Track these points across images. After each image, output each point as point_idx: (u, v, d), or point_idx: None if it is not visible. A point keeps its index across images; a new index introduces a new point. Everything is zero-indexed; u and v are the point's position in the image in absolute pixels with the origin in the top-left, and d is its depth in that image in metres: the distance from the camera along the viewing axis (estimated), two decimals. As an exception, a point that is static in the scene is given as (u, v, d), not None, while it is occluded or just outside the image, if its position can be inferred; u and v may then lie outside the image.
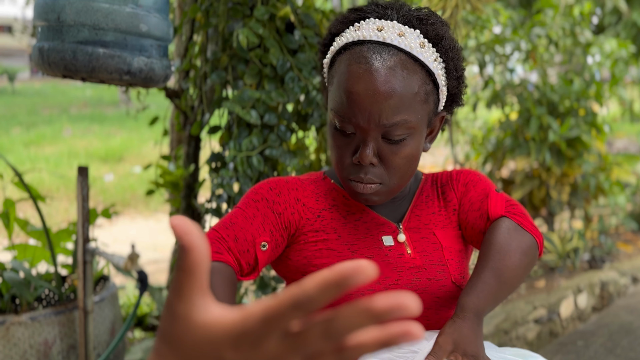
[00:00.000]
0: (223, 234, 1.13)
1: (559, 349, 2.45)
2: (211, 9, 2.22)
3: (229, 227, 1.14)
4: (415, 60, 1.09)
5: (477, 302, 1.07)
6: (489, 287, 1.09)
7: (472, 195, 1.24)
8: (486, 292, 1.08)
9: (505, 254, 1.11)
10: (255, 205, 1.17)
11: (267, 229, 1.15)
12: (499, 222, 1.16)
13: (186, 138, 2.50)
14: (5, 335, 2.32)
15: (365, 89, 1.05)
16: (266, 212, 1.16)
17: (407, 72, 1.07)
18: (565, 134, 3.51)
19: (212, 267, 1.08)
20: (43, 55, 1.65)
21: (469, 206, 1.23)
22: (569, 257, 3.50)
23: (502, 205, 1.19)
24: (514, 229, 1.15)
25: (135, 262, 2.23)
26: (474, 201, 1.23)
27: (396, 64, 1.07)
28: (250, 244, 1.13)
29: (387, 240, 1.20)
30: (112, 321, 2.58)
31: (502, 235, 1.13)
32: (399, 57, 1.07)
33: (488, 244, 1.13)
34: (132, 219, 6.28)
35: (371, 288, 1.12)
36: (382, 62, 1.06)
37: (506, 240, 1.12)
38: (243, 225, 1.14)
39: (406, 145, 1.10)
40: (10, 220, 2.67)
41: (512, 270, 1.11)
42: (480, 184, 1.26)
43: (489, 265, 1.10)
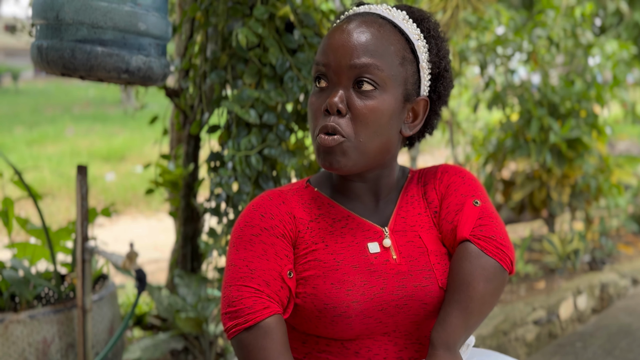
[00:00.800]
0: (254, 286, 1.10)
1: (557, 350, 2.44)
2: (211, 8, 2.22)
3: (253, 275, 1.10)
4: (397, 27, 1.15)
5: (446, 337, 1.09)
6: (457, 321, 1.10)
7: (450, 200, 1.22)
8: (454, 326, 1.09)
9: (468, 285, 1.11)
10: (259, 240, 1.13)
11: (283, 255, 1.14)
12: (462, 248, 1.15)
13: (185, 137, 2.50)
14: (4, 334, 2.33)
15: (340, 34, 1.12)
16: (272, 240, 1.14)
17: (385, 31, 1.13)
18: (566, 135, 3.50)
19: (270, 324, 1.07)
20: (42, 53, 1.65)
21: (445, 214, 1.21)
22: (569, 258, 3.49)
23: (471, 224, 1.17)
24: (476, 256, 1.13)
25: (133, 261, 2.23)
26: (450, 210, 1.21)
27: (375, 22, 1.14)
28: (280, 280, 1.11)
29: (372, 247, 1.17)
30: (111, 320, 2.58)
31: (464, 263, 1.13)
32: (380, 21, 1.15)
33: (452, 275, 1.14)
34: (133, 218, 6.28)
35: (356, 299, 1.11)
36: (363, 19, 1.14)
37: (468, 270, 1.12)
38: (263, 266, 1.11)
39: (375, 98, 1.10)
40: (9, 219, 2.68)
41: (477, 300, 1.11)
42: (462, 188, 1.23)
43: (454, 299, 1.11)
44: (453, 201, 1.21)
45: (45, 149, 9.66)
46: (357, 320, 1.10)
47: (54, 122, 13.23)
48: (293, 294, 1.14)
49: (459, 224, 1.17)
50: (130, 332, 2.89)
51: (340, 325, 1.10)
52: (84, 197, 2.31)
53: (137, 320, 2.97)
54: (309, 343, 1.17)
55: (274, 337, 1.08)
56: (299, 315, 1.14)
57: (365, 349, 1.14)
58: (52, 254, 2.58)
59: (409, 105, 1.16)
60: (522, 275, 3.45)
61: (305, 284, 1.13)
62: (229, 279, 1.13)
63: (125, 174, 7.59)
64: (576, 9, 3.70)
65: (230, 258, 1.15)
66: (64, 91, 23.22)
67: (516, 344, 2.58)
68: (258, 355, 1.07)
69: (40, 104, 18.55)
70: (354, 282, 1.11)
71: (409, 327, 1.16)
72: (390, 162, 1.21)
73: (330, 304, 1.10)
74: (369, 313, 1.11)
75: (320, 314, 1.10)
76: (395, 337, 1.15)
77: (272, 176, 2.20)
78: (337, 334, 1.12)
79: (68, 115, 14.71)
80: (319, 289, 1.11)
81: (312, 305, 1.11)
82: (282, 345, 1.08)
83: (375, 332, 1.14)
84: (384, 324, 1.13)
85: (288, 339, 1.12)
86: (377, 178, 1.20)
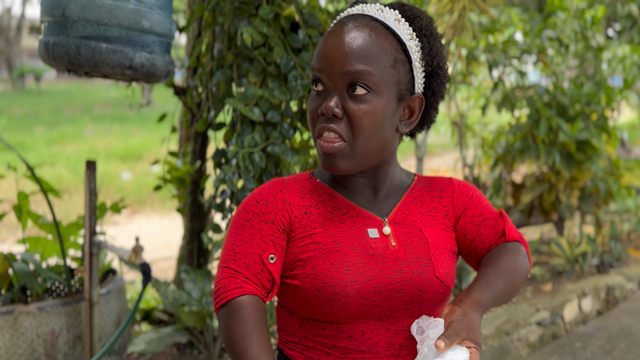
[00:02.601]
0: (234, 267, 1.17)
1: (556, 349, 2.44)
2: (217, 7, 2.26)
3: (236, 258, 1.17)
4: (388, 29, 1.18)
5: (487, 300, 1.20)
6: (498, 291, 1.22)
7: (481, 210, 1.33)
8: (495, 294, 1.22)
9: (517, 274, 1.27)
10: (249, 224, 1.19)
11: (268, 240, 1.19)
12: (516, 245, 1.31)
13: (193, 135, 2.54)
14: (13, 324, 2.38)
15: (333, 41, 1.16)
16: (261, 226, 1.19)
17: (376, 34, 1.16)
18: (574, 135, 3.49)
19: (240, 302, 1.14)
20: (48, 49, 1.70)
21: (480, 220, 1.31)
22: (577, 261, 3.48)
23: (515, 229, 1.35)
24: (524, 255, 1.31)
25: (139, 255, 2.27)
26: (486, 217, 1.32)
27: (367, 26, 1.16)
28: (260, 263, 1.17)
29: (372, 232, 1.22)
30: (119, 313, 2.63)
31: (519, 257, 1.28)
32: (372, 24, 1.17)
33: (508, 260, 1.27)
34: (147, 216, 6.36)
35: (354, 279, 1.15)
36: (355, 24, 1.17)
37: (519, 264, 1.28)
38: (246, 249, 1.18)
39: (369, 102, 1.14)
40: (23, 213, 2.73)
41: (516, 288, 1.28)
42: (483, 200, 1.35)
43: (503, 278, 1.24)
44: (485, 210, 1.33)
45: (64, 148, 9.81)
46: (354, 301, 1.14)
47: (73, 122, 13.42)
48: (277, 280, 1.19)
49: (506, 228, 1.32)
50: (138, 327, 2.93)
51: (337, 304, 1.14)
52: (92, 193, 2.35)
53: (145, 315, 3.01)
54: (305, 327, 1.21)
55: (242, 315, 1.13)
56: (297, 296, 1.18)
57: (359, 333, 1.18)
58: (62, 248, 2.63)
59: (403, 103, 1.20)
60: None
61: (304, 265, 1.17)
62: (220, 261, 1.21)
63: (142, 173, 7.68)
64: (587, 12, 3.69)
65: (225, 241, 1.23)
66: (85, 92, 23.50)
67: (519, 344, 2.58)
68: (227, 332, 1.13)
69: (61, 104, 18.81)
70: (352, 263, 1.16)
71: (402, 313, 1.19)
72: (389, 158, 1.25)
73: (329, 282, 1.14)
74: (366, 294, 1.15)
75: (319, 293, 1.14)
76: (388, 323, 1.19)
77: (275, 173, 2.23)
78: (334, 315, 1.16)
79: (88, 116, 14.90)
80: (319, 269, 1.15)
81: (311, 284, 1.15)
82: (251, 324, 1.12)
83: (370, 315, 1.17)
84: (380, 307, 1.17)
85: (263, 319, 1.15)
86: (377, 173, 1.25)
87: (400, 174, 1.32)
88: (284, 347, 1.27)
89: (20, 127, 12.43)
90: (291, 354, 1.24)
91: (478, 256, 1.33)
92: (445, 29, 2.92)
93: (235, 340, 1.12)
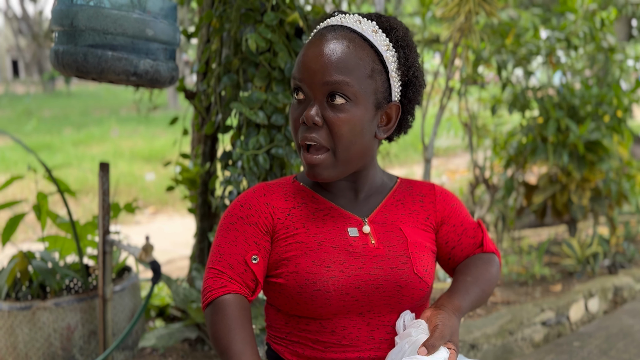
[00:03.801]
0: (219, 268, 1.24)
1: (554, 348, 2.46)
2: (224, 14, 2.33)
3: (221, 259, 1.25)
4: (365, 40, 1.22)
5: (465, 306, 1.29)
6: (475, 298, 1.32)
7: (462, 219, 1.40)
8: (472, 301, 1.31)
9: (491, 284, 1.38)
10: (233, 227, 1.27)
11: (251, 242, 1.26)
12: (492, 256, 1.42)
13: (202, 137, 2.62)
14: (31, 319, 2.49)
15: (313, 52, 1.21)
16: (244, 228, 1.26)
17: (354, 46, 1.21)
18: (584, 135, 3.49)
19: (223, 301, 1.21)
20: (58, 57, 1.79)
21: (462, 229, 1.40)
22: (588, 262, 3.48)
23: (491, 241, 1.45)
24: (498, 267, 1.42)
25: (149, 253, 2.36)
26: (467, 227, 1.41)
27: (345, 37, 1.21)
28: (243, 264, 1.24)
29: (352, 231, 1.28)
30: (132, 310, 2.72)
31: (493, 268, 1.40)
32: (350, 35, 1.22)
33: (484, 270, 1.37)
34: (169, 216, 6.48)
35: (334, 275, 1.21)
36: (334, 35, 1.22)
37: (493, 274, 1.39)
38: (230, 251, 1.25)
39: (347, 111, 1.19)
40: (42, 213, 2.84)
41: (488, 296, 1.38)
42: (464, 209, 1.43)
43: (480, 286, 1.34)
44: (465, 220, 1.41)
45: (90, 149, 10.02)
46: (335, 296, 1.20)
47: (100, 123, 13.68)
48: (260, 280, 1.26)
49: (484, 240, 1.42)
50: (153, 323, 3.02)
51: (319, 300, 1.20)
52: (105, 193, 2.44)
53: (160, 311, 3.10)
54: (290, 323, 1.28)
55: (226, 312, 1.20)
56: (282, 294, 1.25)
57: (341, 328, 1.24)
58: (79, 246, 2.73)
59: (381, 111, 1.25)
60: (539, 277, 3.46)
61: (287, 264, 1.24)
62: (207, 262, 1.29)
63: (165, 174, 7.82)
64: (598, 13, 3.68)
65: (212, 243, 1.31)
66: (113, 94, 23.89)
67: (522, 343, 2.61)
68: (212, 329, 1.21)
69: (90, 106, 19.18)
70: (333, 260, 1.23)
71: (383, 308, 1.25)
72: (370, 162, 1.31)
73: (311, 279, 1.20)
74: (346, 290, 1.21)
75: (301, 289, 1.20)
76: (369, 318, 1.25)
77: (280, 174, 2.30)
78: (317, 311, 1.22)
79: (114, 117, 15.17)
80: (301, 267, 1.22)
81: (294, 282, 1.21)
82: (235, 321, 1.19)
83: (352, 310, 1.23)
84: (360, 302, 1.23)
85: (247, 316, 1.22)
86: (357, 176, 1.31)
87: (382, 177, 1.37)
88: (272, 342, 1.34)
89: (49, 129, 12.73)
90: (278, 348, 1.31)
91: (455, 263, 1.42)
92: (452, 32, 2.96)
93: (219, 337, 1.19)
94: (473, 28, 2.89)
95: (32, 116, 15.20)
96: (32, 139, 10.86)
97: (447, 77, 3.10)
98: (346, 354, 1.24)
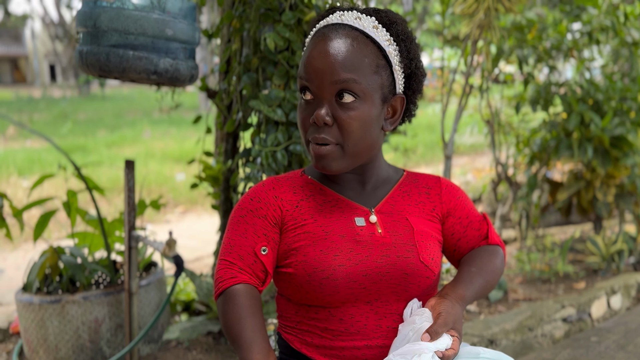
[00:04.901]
0: (229, 259, 1.28)
1: (571, 343, 2.45)
2: (244, 14, 2.39)
3: (231, 251, 1.29)
4: (368, 37, 1.24)
5: (469, 296, 1.31)
6: (479, 288, 1.35)
7: (468, 212, 1.43)
8: (476, 291, 1.34)
9: (495, 275, 1.41)
10: (244, 220, 1.30)
11: (261, 234, 1.30)
12: (497, 249, 1.45)
13: (224, 135, 2.68)
14: (61, 312, 2.58)
15: (318, 52, 1.22)
16: (254, 221, 1.30)
17: (358, 43, 1.23)
18: (608, 129, 3.45)
19: (234, 291, 1.25)
20: (82, 57, 1.86)
21: (467, 222, 1.42)
22: (613, 260, 3.45)
23: (496, 233, 1.48)
24: (502, 259, 1.44)
25: (172, 248, 2.42)
26: (472, 220, 1.43)
27: (348, 35, 1.23)
28: (253, 255, 1.28)
29: (359, 221, 1.31)
30: (158, 304, 2.80)
31: (497, 260, 1.42)
32: (352, 33, 1.24)
33: (488, 261, 1.40)
34: (198, 215, 6.58)
35: (342, 264, 1.24)
36: (336, 34, 1.23)
37: (498, 266, 1.42)
38: (241, 243, 1.29)
39: (357, 109, 1.22)
40: (72, 210, 2.93)
41: (492, 287, 1.42)
42: (469, 202, 1.45)
43: (484, 277, 1.37)
44: (471, 212, 1.44)
45: (122, 150, 10.22)
46: (343, 284, 1.24)
47: (133, 125, 13.93)
48: (270, 271, 1.30)
49: (489, 233, 1.44)
50: (178, 317, 3.09)
51: (327, 288, 1.24)
52: (130, 190, 2.52)
53: (186, 306, 3.17)
54: (300, 312, 1.31)
55: (237, 302, 1.24)
56: (292, 284, 1.28)
57: (349, 316, 1.27)
58: (106, 242, 2.81)
59: (387, 104, 1.29)
60: (562, 275, 3.44)
61: (296, 254, 1.27)
62: (218, 254, 1.33)
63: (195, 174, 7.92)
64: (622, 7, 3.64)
65: (224, 236, 1.35)
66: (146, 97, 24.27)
67: (542, 340, 2.61)
68: (224, 318, 1.25)
69: (123, 108, 19.53)
70: (340, 249, 1.26)
71: (390, 296, 1.28)
72: (376, 154, 1.35)
73: (319, 267, 1.24)
74: (354, 277, 1.24)
75: (310, 278, 1.24)
76: (376, 307, 1.28)
77: (299, 171, 2.34)
78: (325, 299, 1.25)
79: (147, 120, 15.43)
80: (309, 256, 1.25)
81: (302, 270, 1.25)
82: (245, 310, 1.24)
83: (360, 299, 1.26)
84: (368, 290, 1.26)
85: (257, 306, 1.26)
86: (364, 169, 1.34)
87: (388, 169, 1.40)
88: (282, 331, 1.37)
89: (84, 131, 13.01)
90: (288, 337, 1.35)
91: (460, 255, 1.45)
92: (472, 29, 2.98)
93: (230, 326, 1.23)
94: (493, 24, 2.90)
95: (68, 119, 15.57)
96: (67, 140, 11.12)
97: (466, 74, 3.11)
98: (354, 342, 1.27)
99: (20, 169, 8.48)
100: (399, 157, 6.66)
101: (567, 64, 4.20)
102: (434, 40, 8.00)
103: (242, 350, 1.20)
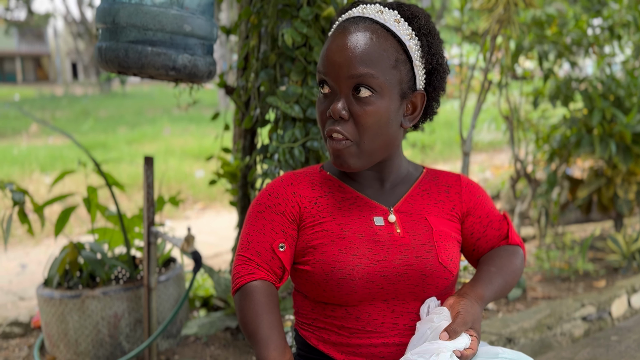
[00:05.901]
0: (247, 255, 1.27)
1: (590, 342, 2.42)
2: (262, 10, 2.39)
3: (249, 247, 1.28)
4: (388, 30, 1.23)
5: (488, 295, 1.30)
6: (498, 288, 1.33)
7: (488, 211, 1.41)
8: (495, 291, 1.33)
9: (515, 275, 1.39)
10: (261, 216, 1.30)
11: (278, 230, 1.29)
12: (517, 249, 1.43)
13: (242, 131, 2.69)
14: (81, 307, 2.60)
15: (337, 45, 1.21)
16: (272, 217, 1.29)
17: (377, 37, 1.21)
18: (631, 124, 3.40)
19: (251, 287, 1.24)
20: (101, 53, 1.88)
21: (487, 221, 1.41)
22: (634, 258, 3.41)
23: (516, 233, 1.46)
24: (522, 259, 1.43)
25: (191, 244, 2.44)
26: (492, 219, 1.41)
27: (368, 29, 1.22)
28: (270, 251, 1.27)
29: (377, 220, 1.29)
30: (176, 299, 2.82)
31: (517, 260, 1.41)
32: (373, 26, 1.22)
33: (508, 261, 1.38)
34: (217, 212, 6.61)
35: (360, 264, 1.23)
36: (356, 27, 1.22)
37: (518, 266, 1.40)
38: (259, 239, 1.28)
39: (373, 103, 1.20)
40: (92, 206, 2.96)
41: (511, 287, 1.40)
42: (489, 201, 1.43)
43: (503, 277, 1.35)
44: (491, 211, 1.42)
45: (143, 147, 10.29)
46: (361, 284, 1.23)
47: (153, 122, 14.03)
48: (287, 267, 1.30)
49: (509, 233, 1.43)
50: (197, 313, 3.11)
51: (345, 287, 1.23)
52: (150, 186, 2.53)
53: (204, 302, 3.19)
54: (317, 309, 1.31)
55: (254, 298, 1.24)
56: (309, 281, 1.28)
57: (366, 314, 1.26)
58: (126, 238, 2.84)
59: (406, 100, 1.26)
60: (582, 273, 3.41)
61: (314, 252, 1.27)
62: (236, 250, 1.33)
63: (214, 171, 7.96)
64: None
65: (241, 232, 1.34)
66: (166, 94, 24.43)
67: (562, 338, 2.58)
68: (241, 313, 1.25)
69: (144, 106, 19.68)
70: (359, 249, 1.25)
71: (407, 296, 1.27)
72: (395, 151, 1.33)
73: (337, 267, 1.23)
74: (372, 278, 1.23)
75: (328, 277, 1.23)
76: (393, 305, 1.27)
77: (317, 167, 2.34)
78: (342, 298, 1.25)
79: (167, 117, 15.53)
80: (327, 255, 1.25)
81: (320, 269, 1.24)
82: (262, 306, 1.23)
83: (377, 298, 1.26)
84: (385, 290, 1.25)
85: (274, 302, 1.26)
86: (383, 166, 1.33)
87: (407, 166, 1.39)
88: (299, 328, 1.37)
89: (104, 128, 13.14)
90: (305, 334, 1.35)
91: (479, 254, 1.43)
92: (491, 24, 2.95)
93: (247, 322, 1.23)
94: (512, 19, 2.87)
95: (89, 116, 15.73)
96: (89, 137, 11.23)
97: (485, 70, 3.09)
98: (371, 339, 1.26)
99: (43, 165, 8.59)
100: (416, 153, 6.63)
101: (588, 60, 4.14)
102: (452, 37, 7.96)
103: (258, 346, 1.20)
